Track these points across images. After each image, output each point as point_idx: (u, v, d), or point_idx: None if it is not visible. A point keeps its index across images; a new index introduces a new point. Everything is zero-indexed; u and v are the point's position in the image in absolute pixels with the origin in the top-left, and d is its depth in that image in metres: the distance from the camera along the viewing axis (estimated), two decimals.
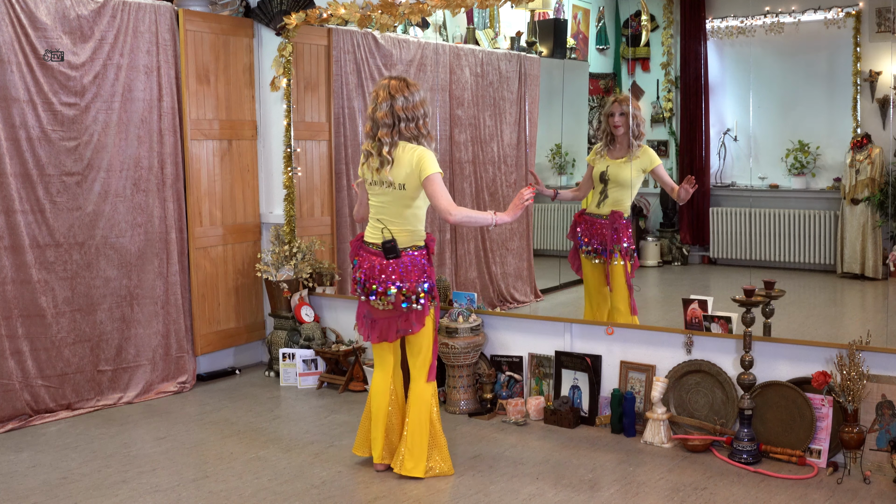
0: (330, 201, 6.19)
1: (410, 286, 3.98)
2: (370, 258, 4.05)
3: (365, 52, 6.18)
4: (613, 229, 5.26)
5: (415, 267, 3.99)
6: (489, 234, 6.63)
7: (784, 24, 5.76)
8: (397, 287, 3.97)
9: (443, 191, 3.91)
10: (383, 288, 3.99)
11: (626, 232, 5.27)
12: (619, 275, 5.25)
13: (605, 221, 5.30)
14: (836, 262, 5.72)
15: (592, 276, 5.43)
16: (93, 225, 5.27)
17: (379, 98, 3.99)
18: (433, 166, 3.91)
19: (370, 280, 4.03)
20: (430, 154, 3.95)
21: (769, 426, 4.34)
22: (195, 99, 5.78)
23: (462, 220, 3.97)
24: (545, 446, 4.55)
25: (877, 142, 5.47)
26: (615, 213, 5.28)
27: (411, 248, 4.02)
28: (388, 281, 3.98)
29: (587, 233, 5.38)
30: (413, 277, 3.98)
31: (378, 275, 4.00)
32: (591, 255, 5.37)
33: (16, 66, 4.86)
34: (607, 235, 5.27)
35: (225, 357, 6.17)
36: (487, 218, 3.98)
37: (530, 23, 6.63)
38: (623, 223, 5.27)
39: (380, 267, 4.00)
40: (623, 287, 5.25)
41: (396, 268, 3.98)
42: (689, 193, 5.07)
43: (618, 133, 5.31)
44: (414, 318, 4.04)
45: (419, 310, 4.02)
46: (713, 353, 4.57)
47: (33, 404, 5.03)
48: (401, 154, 3.96)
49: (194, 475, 4.20)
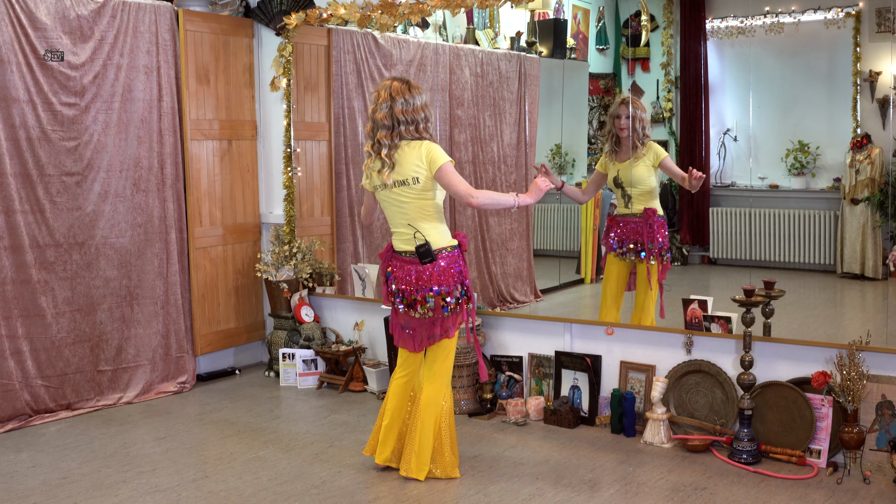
0: (330, 201, 6.19)
1: (449, 290, 3.91)
2: (405, 267, 3.97)
3: (365, 53, 6.18)
4: (648, 226, 5.17)
5: (452, 268, 3.94)
6: (489, 234, 6.63)
7: (784, 24, 5.76)
8: (436, 293, 3.90)
9: (458, 177, 3.87)
10: (422, 296, 3.91)
11: (661, 230, 5.17)
12: (652, 275, 5.15)
13: (639, 219, 5.21)
14: (836, 262, 5.72)
15: (616, 275, 5.30)
16: (93, 225, 5.27)
17: (379, 99, 3.97)
18: (442, 156, 3.88)
19: (410, 290, 3.94)
20: (436, 146, 3.93)
21: (769, 426, 4.34)
22: (195, 99, 5.78)
23: (485, 202, 3.90)
24: (545, 446, 4.55)
25: (877, 142, 5.47)
26: (648, 210, 5.17)
27: (446, 248, 3.96)
28: (427, 288, 3.91)
29: (621, 233, 5.26)
30: (451, 281, 3.92)
31: (415, 282, 3.93)
32: (627, 256, 5.23)
33: (16, 66, 4.86)
34: (643, 233, 5.18)
35: (225, 357, 6.17)
36: (510, 199, 3.92)
37: (530, 23, 6.63)
38: (658, 220, 5.16)
39: (416, 274, 3.93)
40: (655, 288, 5.14)
41: (434, 272, 3.91)
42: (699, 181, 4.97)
43: (623, 136, 5.29)
44: (450, 323, 3.99)
45: (458, 312, 3.97)
46: (713, 354, 4.57)
47: (33, 404, 5.03)
48: (406, 151, 3.93)
49: (194, 475, 4.20)
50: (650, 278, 5.12)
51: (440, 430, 4.06)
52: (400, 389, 4.16)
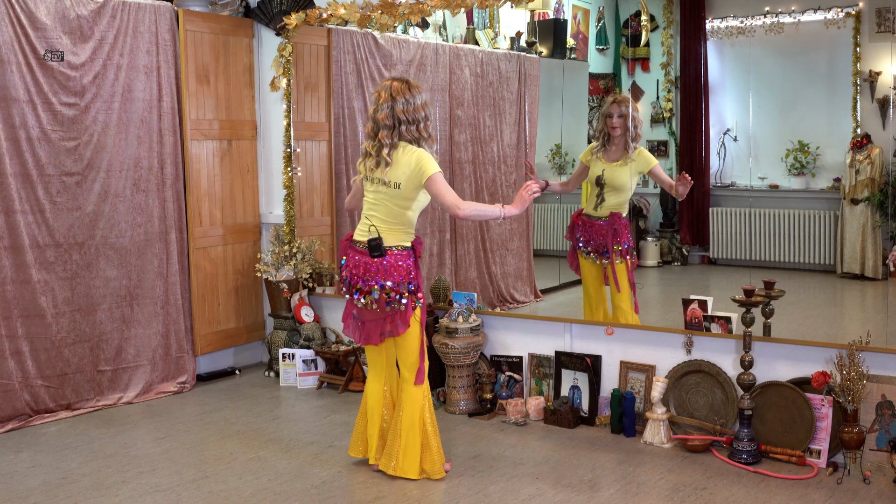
0: (330, 201, 6.19)
1: (394, 286, 3.97)
2: (357, 257, 4.05)
3: (365, 53, 6.18)
4: (613, 230, 5.25)
5: (399, 266, 3.99)
6: (489, 235, 6.63)
7: (784, 24, 5.76)
8: (381, 286, 3.97)
9: (447, 188, 3.94)
10: (367, 287, 3.99)
11: (626, 232, 5.27)
12: (621, 275, 5.24)
13: (604, 223, 5.29)
14: (836, 262, 5.72)
15: (591, 275, 5.42)
16: (93, 225, 5.27)
17: (380, 99, 4.01)
18: (433, 166, 3.93)
19: (355, 278, 4.04)
20: (428, 155, 3.97)
21: (769, 426, 4.34)
22: (195, 99, 5.78)
23: (471, 214, 3.97)
24: (545, 446, 4.55)
25: (877, 142, 5.47)
26: (614, 215, 5.27)
27: (397, 247, 4.02)
28: (373, 280, 3.98)
29: (586, 234, 5.37)
30: (397, 277, 3.97)
31: (363, 273, 4.01)
32: (591, 257, 5.36)
33: (16, 67, 4.86)
34: (607, 236, 5.26)
35: (225, 357, 6.17)
36: (496, 211, 3.99)
37: (530, 23, 6.63)
38: (622, 223, 5.26)
39: (364, 266, 4.01)
40: (626, 287, 5.24)
41: (381, 266, 3.98)
42: (686, 188, 5.05)
43: (615, 134, 5.29)
44: (399, 320, 4.03)
45: (402, 310, 4.01)
46: (713, 354, 4.57)
47: (33, 404, 5.03)
48: (400, 155, 3.97)
49: (194, 475, 4.20)
50: (617, 280, 5.23)
51: (425, 424, 4.09)
52: (373, 389, 4.22)
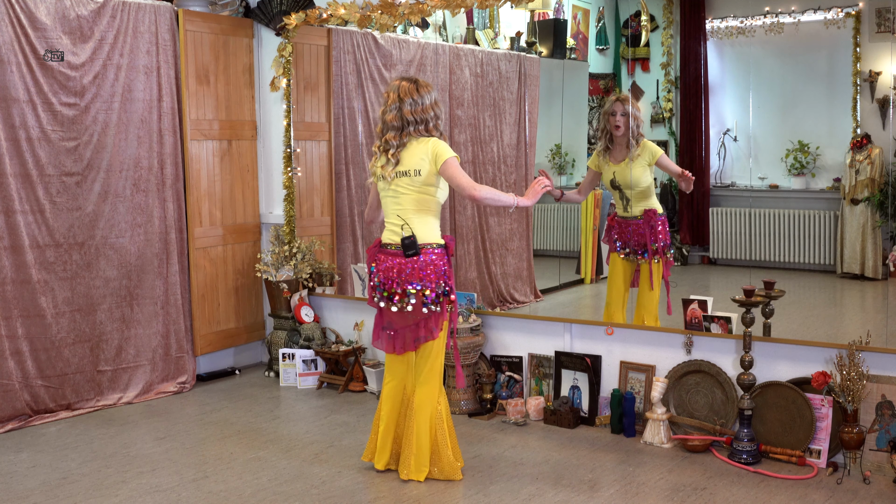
0: (330, 201, 6.19)
1: (430, 286, 3.93)
2: (389, 259, 4.00)
3: (365, 53, 6.18)
4: (650, 227, 5.18)
5: (434, 268, 3.95)
6: (489, 235, 6.63)
7: (784, 25, 5.76)
8: (417, 288, 3.93)
9: (462, 171, 3.95)
10: (402, 289, 3.94)
11: (663, 229, 5.18)
12: (656, 273, 5.15)
13: (641, 221, 5.21)
14: (836, 263, 5.72)
15: (620, 275, 5.30)
16: (93, 225, 5.27)
17: (389, 100, 4.04)
18: (448, 151, 3.95)
19: (389, 282, 3.97)
20: (442, 142, 3.99)
21: (769, 426, 4.34)
22: (195, 99, 5.78)
23: (486, 196, 3.95)
24: (545, 446, 4.55)
25: (877, 142, 5.47)
26: (649, 212, 5.19)
27: (430, 245, 3.98)
28: (407, 282, 3.93)
29: (622, 235, 5.28)
30: (433, 278, 3.94)
31: (397, 276, 3.95)
32: (630, 257, 5.25)
33: (16, 67, 4.86)
34: (646, 235, 5.19)
35: (225, 357, 6.17)
36: (509, 199, 3.99)
37: (530, 23, 6.63)
38: (659, 220, 5.18)
39: (399, 267, 3.96)
40: (657, 286, 5.13)
41: (416, 268, 3.93)
42: (689, 184, 5.05)
43: (617, 133, 5.28)
44: (433, 324, 4.00)
45: (438, 312, 3.98)
46: (713, 354, 4.57)
47: (33, 404, 5.03)
48: (414, 145, 3.99)
49: (194, 475, 4.20)
50: (653, 278, 5.13)
51: (435, 432, 4.06)
52: (391, 394, 4.17)
